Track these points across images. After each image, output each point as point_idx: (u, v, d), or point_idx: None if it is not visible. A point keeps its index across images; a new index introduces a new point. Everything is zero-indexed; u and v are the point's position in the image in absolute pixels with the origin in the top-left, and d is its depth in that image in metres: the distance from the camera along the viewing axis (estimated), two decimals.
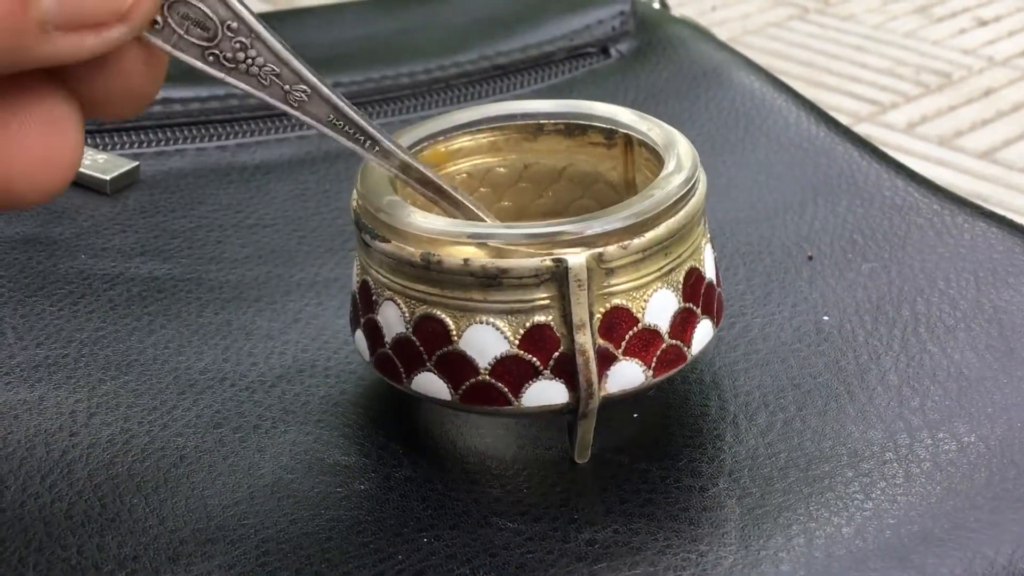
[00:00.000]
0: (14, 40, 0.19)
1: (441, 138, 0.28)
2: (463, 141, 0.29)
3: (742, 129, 0.39)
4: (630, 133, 0.28)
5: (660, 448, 0.26)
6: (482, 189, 0.29)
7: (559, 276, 0.23)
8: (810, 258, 0.32)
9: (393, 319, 0.25)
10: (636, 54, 0.44)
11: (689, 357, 0.25)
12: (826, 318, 0.30)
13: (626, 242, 0.24)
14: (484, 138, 0.29)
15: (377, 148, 0.24)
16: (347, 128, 0.23)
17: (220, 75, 0.21)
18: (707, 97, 0.41)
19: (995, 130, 0.67)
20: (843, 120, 0.69)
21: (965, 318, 0.30)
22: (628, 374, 0.24)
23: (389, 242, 0.24)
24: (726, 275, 0.32)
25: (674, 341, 0.25)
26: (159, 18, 0.20)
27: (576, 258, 0.23)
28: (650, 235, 0.24)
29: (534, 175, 0.29)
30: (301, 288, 0.32)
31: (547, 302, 0.23)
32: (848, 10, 0.84)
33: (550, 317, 0.24)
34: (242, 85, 0.21)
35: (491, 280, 0.23)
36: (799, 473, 0.25)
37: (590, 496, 0.25)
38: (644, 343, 0.24)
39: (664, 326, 0.24)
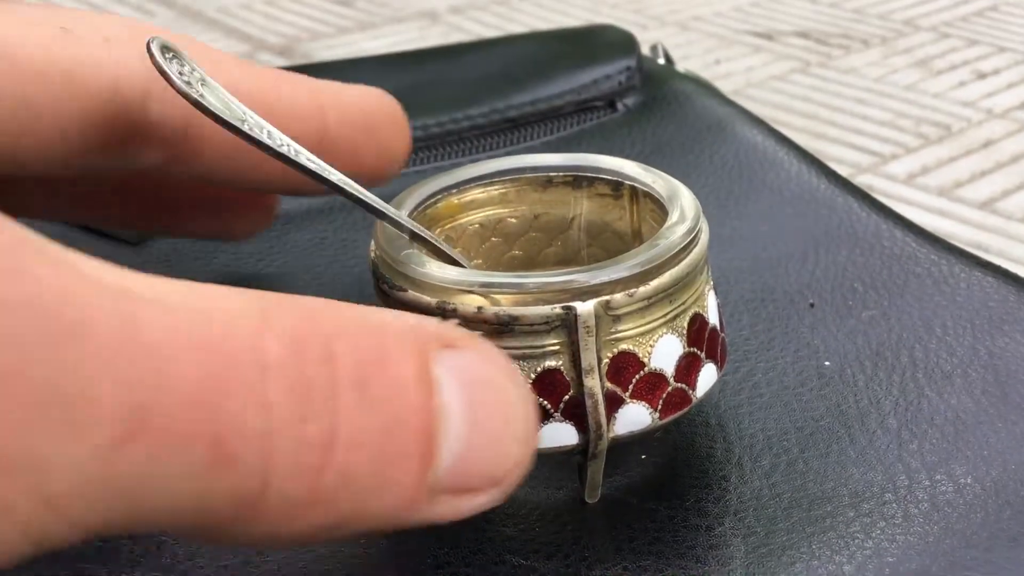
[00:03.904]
0: (404, 505, 0.17)
1: (454, 191, 0.29)
2: (475, 193, 0.29)
3: (745, 181, 0.40)
4: (635, 185, 0.29)
5: (667, 488, 0.26)
6: (494, 239, 0.30)
7: (568, 323, 0.24)
8: (812, 306, 0.33)
9: None
10: (642, 108, 0.45)
11: (694, 400, 0.26)
12: (827, 363, 0.30)
13: (632, 290, 0.24)
14: (495, 190, 0.30)
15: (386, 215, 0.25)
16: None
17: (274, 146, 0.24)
18: (711, 150, 0.42)
19: (994, 181, 0.68)
20: (845, 171, 0.71)
21: (961, 364, 0.30)
22: (635, 416, 0.25)
23: (406, 291, 0.25)
24: (731, 322, 0.32)
25: (679, 384, 0.25)
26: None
27: (585, 306, 0.24)
28: (655, 283, 0.24)
29: (544, 225, 0.30)
30: None
31: (557, 348, 0.24)
32: (849, 63, 0.85)
33: (560, 362, 0.24)
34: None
35: (504, 327, 0.24)
36: (802, 513, 0.25)
37: (600, 535, 0.25)
38: (650, 386, 0.25)
39: (669, 370, 0.25)
